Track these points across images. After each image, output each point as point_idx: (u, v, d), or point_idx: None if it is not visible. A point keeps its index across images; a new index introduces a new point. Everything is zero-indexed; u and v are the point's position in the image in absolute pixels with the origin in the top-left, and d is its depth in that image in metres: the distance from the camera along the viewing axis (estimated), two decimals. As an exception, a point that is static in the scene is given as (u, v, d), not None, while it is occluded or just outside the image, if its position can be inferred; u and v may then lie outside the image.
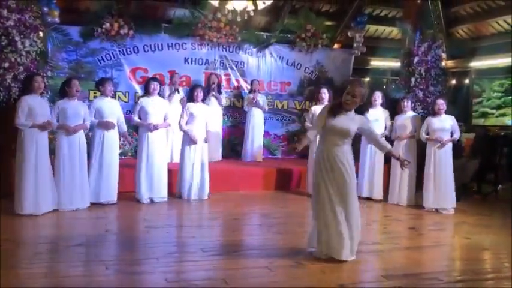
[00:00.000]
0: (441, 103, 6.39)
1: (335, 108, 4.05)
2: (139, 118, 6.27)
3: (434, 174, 6.33)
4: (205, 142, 6.60)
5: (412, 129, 6.69)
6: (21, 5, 6.08)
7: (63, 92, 5.69)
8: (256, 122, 8.63)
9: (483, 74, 9.58)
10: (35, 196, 5.31)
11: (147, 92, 6.39)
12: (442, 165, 6.31)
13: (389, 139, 6.90)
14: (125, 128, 6.29)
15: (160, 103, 6.39)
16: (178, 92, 7.98)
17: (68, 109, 5.63)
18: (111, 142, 6.05)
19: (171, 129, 7.30)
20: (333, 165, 4.00)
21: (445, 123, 6.35)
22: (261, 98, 8.63)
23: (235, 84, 9.14)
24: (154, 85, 6.37)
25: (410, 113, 6.85)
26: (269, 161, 8.77)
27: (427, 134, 6.45)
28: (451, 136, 6.36)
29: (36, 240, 4.51)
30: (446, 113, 6.42)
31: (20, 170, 5.28)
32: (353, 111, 4.07)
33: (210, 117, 6.84)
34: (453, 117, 6.45)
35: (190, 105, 6.60)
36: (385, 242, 4.85)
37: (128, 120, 6.51)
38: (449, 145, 6.36)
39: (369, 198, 6.89)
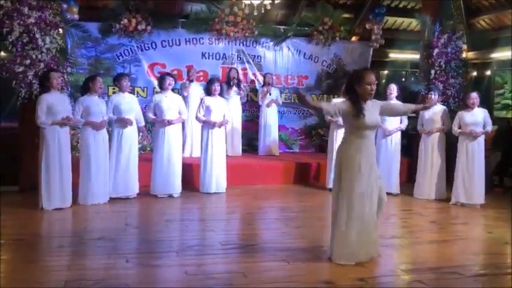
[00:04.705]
0: (475, 97, 6.21)
1: (358, 105, 3.75)
2: (155, 115, 6.30)
3: (466, 168, 6.18)
4: (220, 127, 6.55)
5: (440, 122, 6.59)
6: (42, 2, 6.16)
7: (86, 88, 5.76)
8: (271, 116, 8.60)
9: (505, 65, 9.36)
10: (56, 191, 5.40)
11: (162, 88, 6.41)
12: (474, 159, 6.15)
13: (404, 132, 6.81)
14: (143, 122, 6.34)
15: (174, 98, 6.40)
16: (189, 82, 7.98)
17: (92, 106, 5.71)
18: (130, 138, 6.10)
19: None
20: (373, 164, 3.85)
21: (477, 117, 6.18)
22: (274, 92, 8.60)
23: (252, 78, 9.13)
24: (170, 80, 6.39)
25: (438, 106, 6.69)
26: (286, 155, 8.75)
27: (459, 128, 6.29)
28: (483, 129, 6.20)
29: (59, 233, 4.62)
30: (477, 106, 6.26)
31: (43, 166, 5.37)
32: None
33: (229, 111, 6.83)
34: (485, 110, 6.29)
35: (207, 99, 6.62)
36: (405, 235, 4.82)
37: (144, 116, 6.55)
38: (482, 138, 6.22)
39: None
